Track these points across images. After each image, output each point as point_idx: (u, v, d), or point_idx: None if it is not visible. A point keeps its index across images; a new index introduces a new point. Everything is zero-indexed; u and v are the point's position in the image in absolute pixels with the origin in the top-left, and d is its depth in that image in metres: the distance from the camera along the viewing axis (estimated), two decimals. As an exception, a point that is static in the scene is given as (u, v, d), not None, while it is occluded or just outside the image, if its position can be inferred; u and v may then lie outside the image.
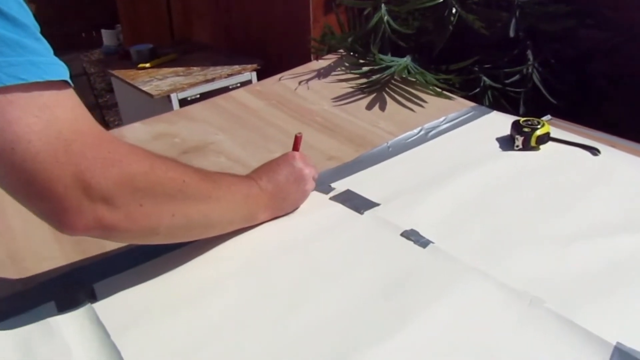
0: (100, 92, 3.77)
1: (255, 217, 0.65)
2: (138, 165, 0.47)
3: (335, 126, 0.98)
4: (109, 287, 0.57)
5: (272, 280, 0.58)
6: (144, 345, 0.49)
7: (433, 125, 0.95)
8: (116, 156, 0.45)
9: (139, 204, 0.47)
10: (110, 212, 0.45)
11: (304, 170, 0.69)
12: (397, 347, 0.48)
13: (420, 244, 0.62)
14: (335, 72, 1.22)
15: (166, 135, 0.97)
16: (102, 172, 0.44)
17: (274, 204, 0.66)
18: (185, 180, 0.52)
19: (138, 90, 1.68)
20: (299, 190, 0.69)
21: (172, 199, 0.50)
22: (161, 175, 0.49)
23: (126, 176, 0.45)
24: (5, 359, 0.49)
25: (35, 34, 0.42)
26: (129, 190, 0.46)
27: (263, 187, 0.64)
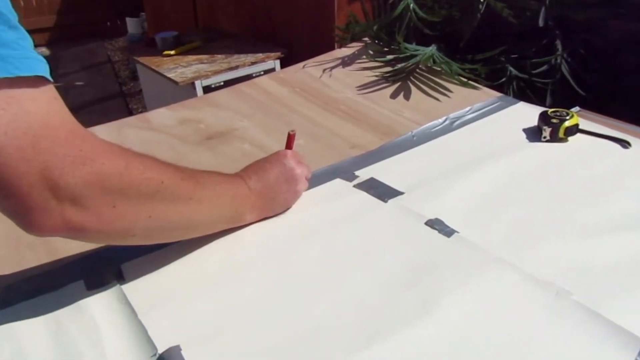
0: (124, 80, 3.82)
1: (242, 217, 0.62)
2: (112, 165, 0.44)
3: (359, 114, 0.97)
4: (136, 268, 0.58)
5: (296, 265, 0.58)
6: (170, 325, 0.50)
7: (458, 115, 0.93)
8: (88, 154, 0.43)
9: (112, 205, 0.45)
10: (79, 213, 0.43)
11: (295, 170, 0.66)
12: (421, 334, 0.48)
13: (445, 233, 0.62)
14: (359, 61, 1.21)
15: (191, 121, 0.98)
16: (72, 170, 0.41)
17: (263, 204, 0.64)
18: (163, 181, 0.49)
19: (163, 77, 1.70)
20: (289, 191, 0.66)
21: (148, 200, 0.48)
22: (137, 176, 0.47)
23: (98, 176, 0.43)
24: (36, 335, 0.50)
25: (9, 22, 0.39)
26: (100, 190, 0.44)
27: (252, 187, 0.62)
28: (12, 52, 0.39)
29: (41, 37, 4.66)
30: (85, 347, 0.48)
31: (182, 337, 0.48)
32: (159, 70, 1.73)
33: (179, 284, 0.56)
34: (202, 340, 0.48)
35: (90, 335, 0.49)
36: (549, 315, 0.49)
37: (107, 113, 3.23)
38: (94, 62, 4.29)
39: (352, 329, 0.49)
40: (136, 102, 3.41)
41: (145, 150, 0.86)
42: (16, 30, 0.40)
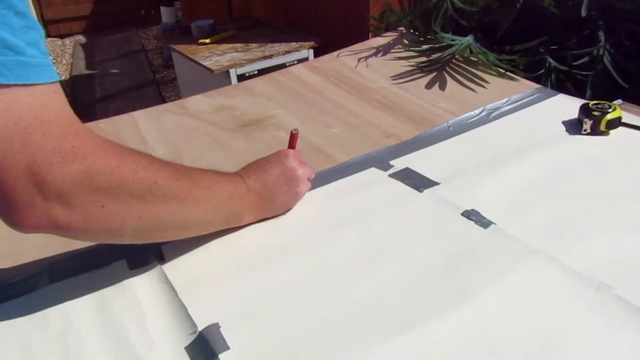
0: (157, 68, 3.88)
1: (240, 218, 0.61)
2: (103, 163, 0.43)
3: (394, 104, 0.97)
4: (176, 249, 0.60)
5: (333, 250, 0.59)
6: (209, 304, 0.51)
7: (495, 106, 0.92)
8: (80, 151, 0.42)
9: (100, 204, 0.44)
10: (66, 211, 0.42)
11: (296, 171, 0.64)
12: (457, 324, 0.48)
13: (482, 224, 0.61)
14: (394, 50, 1.21)
15: (227, 108, 0.99)
16: (60, 167, 0.40)
17: (261, 205, 0.62)
18: (157, 181, 0.48)
19: (198, 65, 1.72)
20: (290, 192, 0.64)
21: (139, 200, 0.47)
22: (128, 175, 0.45)
23: (87, 174, 0.42)
24: (84, 311, 0.52)
25: (15, 7, 0.39)
26: (89, 189, 0.42)
27: (251, 187, 0.60)
28: (10, 59, 0.38)
29: (78, 25, 4.77)
30: (130, 324, 0.50)
31: (221, 317, 0.50)
32: (194, 58, 1.75)
33: (217, 265, 0.57)
34: (240, 320, 0.49)
35: (133, 313, 0.51)
36: (588, 310, 0.49)
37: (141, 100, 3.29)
38: (129, 50, 4.37)
39: (389, 315, 0.49)
40: (169, 90, 3.46)
41: (183, 136, 0.89)
42: (22, 17, 0.39)
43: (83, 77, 3.82)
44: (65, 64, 4.07)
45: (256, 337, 0.47)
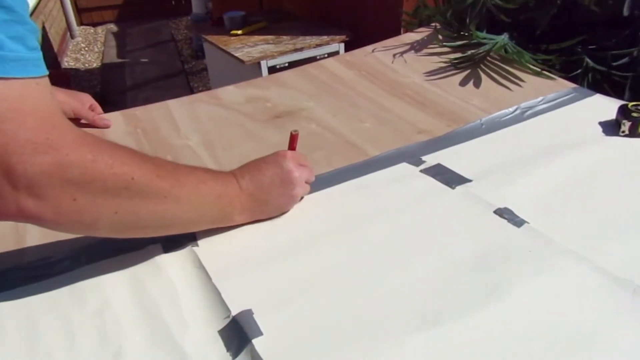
0: (186, 59, 3.93)
1: (230, 218, 0.60)
2: (77, 156, 0.43)
3: (426, 100, 0.96)
4: (209, 234, 0.61)
5: (364, 242, 0.59)
6: (242, 290, 0.52)
7: (530, 104, 0.91)
8: (54, 143, 0.41)
9: (72, 197, 0.43)
10: (35, 202, 0.42)
11: (293, 173, 0.62)
12: (489, 320, 0.48)
13: (515, 222, 0.61)
14: (427, 46, 1.20)
15: (258, 99, 1.00)
16: (31, 158, 0.40)
17: (254, 206, 0.61)
18: (134, 177, 0.47)
19: (230, 55, 1.74)
20: (284, 194, 0.63)
21: (114, 196, 0.46)
22: (104, 170, 0.45)
23: (58, 166, 0.42)
24: (120, 290, 0.53)
25: (1, 2, 0.39)
26: (60, 181, 0.42)
27: (243, 187, 0.59)
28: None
29: (110, 14, 4.85)
30: (165, 306, 0.51)
31: (253, 303, 0.50)
32: (226, 49, 1.76)
33: (250, 252, 0.58)
34: (272, 307, 0.50)
35: (168, 295, 0.52)
36: (624, 313, 0.48)
37: (169, 90, 3.34)
38: (159, 40, 4.43)
39: (419, 309, 0.50)
40: (197, 81, 3.50)
41: (216, 126, 0.90)
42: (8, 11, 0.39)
43: (114, 65, 3.89)
44: (97, 52, 4.15)
45: (287, 325, 0.48)
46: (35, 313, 0.51)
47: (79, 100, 0.89)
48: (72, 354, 0.46)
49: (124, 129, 0.90)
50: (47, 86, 0.43)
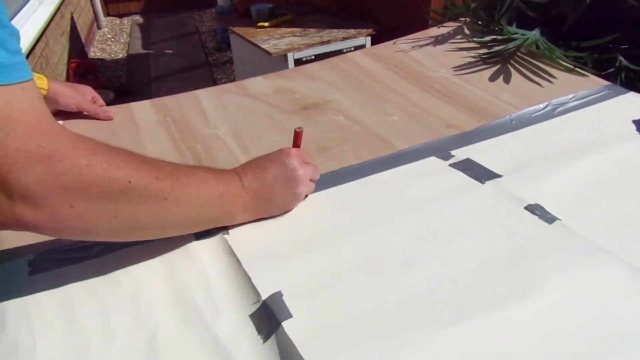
0: (210, 51, 3.95)
1: (232, 217, 0.59)
2: (71, 162, 0.42)
3: (455, 94, 0.95)
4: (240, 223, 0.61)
5: (392, 235, 0.59)
6: (272, 276, 0.53)
7: (561, 101, 0.90)
8: (46, 151, 0.40)
9: (69, 204, 0.42)
10: (32, 211, 0.41)
11: (297, 171, 0.61)
12: (518, 316, 0.48)
13: (546, 219, 0.60)
14: (455, 40, 1.19)
15: (286, 91, 1.00)
16: (24, 167, 0.39)
17: (257, 205, 0.60)
18: (131, 180, 0.46)
19: (256, 47, 1.74)
20: (288, 193, 0.61)
21: (112, 200, 0.45)
22: (99, 175, 0.44)
23: (52, 174, 0.41)
24: (153, 275, 0.54)
25: None
26: (56, 189, 0.41)
27: (246, 185, 0.58)
28: None
29: (136, 5, 4.90)
30: (197, 290, 0.52)
31: (283, 289, 0.51)
32: (253, 40, 1.77)
33: (279, 241, 0.59)
34: (302, 294, 0.51)
35: (200, 280, 0.53)
36: (658, 312, 0.47)
37: (193, 81, 3.37)
38: (183, 32, 4.46)
39: (448, 303, 0.50)
40: (220, 73, 3.52)
41: (244, 116, 0.91)
42: None
43: (139, 56, 3.93)
44: (123, 43, 4.20)
45: (316, 312, 0.49)
46: (71, 295, 0.52)
47: (81, 94, 0.89)
48: (108, 335, 0.48)
49: (154, 117, 0.91)
50: (33, 90, 0.42)
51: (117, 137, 0.85)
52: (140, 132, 0.86)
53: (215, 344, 0.46)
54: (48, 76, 0.85)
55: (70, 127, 0.83)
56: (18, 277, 0.54)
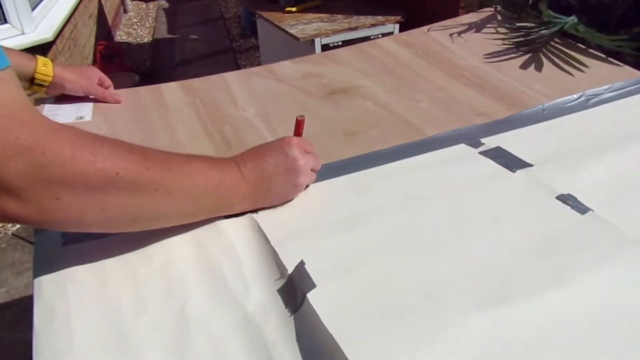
0: (234, 37, 3.96)
1: (230, 207, 0.58)
2: (54, 154, 0.41)
3: (485, 83, 0.94)
4: (268, 204, 0.62)
5: (422, 219, 0.59)
6: (299, 255, 0.53)
7: (595, 92, 0.88)
8: (27, 143, 0.39)
9: (55, 197, 0.42)
10: (17, 204, 0.41)
11: (298, 161, 0.59)
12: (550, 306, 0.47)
13: (579, 209, 0.59)
14: (487, 28, 1.17)
15: (314, 76, 1.00)
16: (4, 160, 0.38)
17: (256, 194, 0.58)
18: (119, 172, 0.45)
19: (284, 32, 1.74)
20: (288, 183, 0.60)
21: (100, 192, 0.44)
22: (84, 167, 0.43)
23: (35, 166, 0.40)
24: (183, 249, 0.55)
25: None
26: (39, 182, 0.40)
27: (245, 175, 0.56)
28: None
29: (162, -9, 4.93)
30: (226, 266, 0.53)
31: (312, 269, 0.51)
32: (280, 25, 1.77)
33: (307, 222, 0.59)
34: (332, 274, 0.51)
35: (229, 257, 0.54)
36: (694, 306, 0.46)
37: (217, 67, 3.38)
38: (208, 17, 4.48)
39: (478, 289, 0.49)
40: (244, 59, 3.53)
41: (272, 99, 0.91)
42: None
43: (165, 41, 3.96)
44: (149, 27, 4.23)
45: (345, 291, 0.48)
46: (104, 265, 0.53)
47: (86, 77, 0.87)
48: (140, 306, 0.48)
49: (183, 99, 0.92)
50: (11, 79, 0.40)
51: (147, 118, 0.86)
52: (169, 113, 0.87)
53: (244, 318, 0.47)
54: (60, 57, 0.86)
55: (99, 111, 0.86)
56: (52, 248, 0.55)
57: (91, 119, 0.84)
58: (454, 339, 0.44)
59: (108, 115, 0.86)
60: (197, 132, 0.81)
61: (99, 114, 0.86)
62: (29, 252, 1.78)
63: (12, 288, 1.65)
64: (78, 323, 0.47)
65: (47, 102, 0.88)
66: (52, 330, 0.46)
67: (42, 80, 0.82)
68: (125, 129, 0.82)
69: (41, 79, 0.81)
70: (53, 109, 0.86)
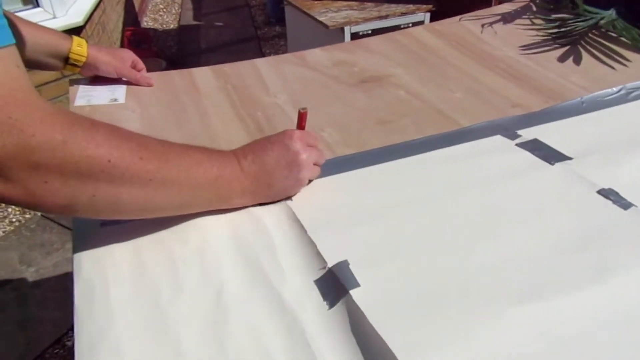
0: (259, 25, 3.95)
1: (228, 201, 0.56)
2: (44, 137, 0.40)
3: (521, 74, 0.92)
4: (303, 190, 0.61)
5: (457, 210, 0.58)
6: (335, 245, 0.53)
7: (636, 85, 0.85)
8: (18, 123, 0.39)
9: (43, 180, 0.41)
10: (4, 184, 0.40)
11: (300, 155, 0.58)
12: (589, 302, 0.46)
13: (621, 204, 0.58)
14: (522, 19, 1.14)
15: (345, 63, 0.99)
16: None
17: (256, 189, 0.57)
18: (111, 160, 0.44)
19: (313, 20, 1.72)
20: (290, 177, 0.58)
21: (89, 179, 0.43)
22: (76, 153, 0.42)
23: (23, 148, 0.39)
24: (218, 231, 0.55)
25: None
26: (27, 164, 0.40)
27: (245, 168, 0.55)
28: None
29: (188, -23, 4.93)
30: (262, 252, 0.53)
31: (348, 257, 0.51)
32: (309, 12, 1.75)
33: (343, 210, 0.59)
34: (367, 264, 0.50)
35: (265, 243, 0.54)
36: None
37: (242, 54, 3.38)
38: (233, 4, 4.47)
39: (517, 282, 0.48)
40: (269, 47, 3.52)
41: (302, 87, 0.90)
42: None
43: (190, 27, 3.98)
44: (174, 14, 4.25)
45: (382, 283, 0.48)
46: (141, 246, 0.54)
47: (119, 59, 0.87)
48: (176, 287, 0.49)
49: (215, 83, 0.92)
50: (11, 57, 0.40)
51: (179, 102, 0.86)
52: (201, 97, 0.87)
53: (281, 304, 0.47)
54: (89, 42, 0.86)
55: (132, 93, 0.86)
56: (90, 229, 0.56)
57: (125, 101, 0.85)
58: (493, 332, 0.43)
59: (141, 98, 0.86)
60: (230, 117, 0.81)
61: (132, 97, 0.86)
62: (57, 234, 1.82)
63: (42, 267, 1.68)
64: (117, 302, 0.47)
65: (82, 83, 0.88)
66: (93, 308, 0.46)
67: (76, 60, 0.82)
68: (158, 112, 0.82)
69: (75, 59, 0.82)
70: (87, 90, 0.86)
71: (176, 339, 0.44)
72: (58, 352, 1.44)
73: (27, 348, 1.44)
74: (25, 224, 1.87)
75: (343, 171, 0.66)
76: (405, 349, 0.40)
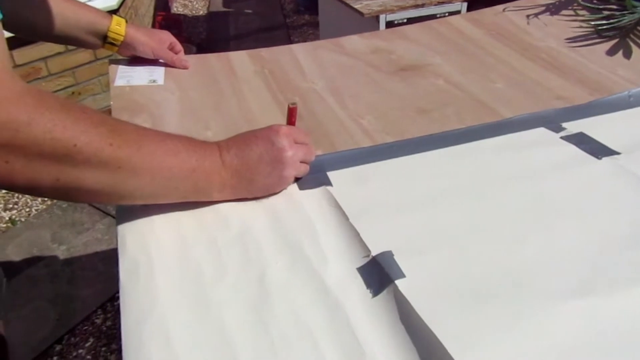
0: (288, 13, 3.94)
1: (207, 193, 0.54)
2: (8, 117, 0.39)
3: (564, 66, 0.89)
4: (342, 177, 0.61)
5: (502, 205, 0.57)
6: (378, 233, 0.52)
7: (687, 80, 0.82)
8: None
9: (4, 159, 0.41)
10: None
11: (285, 152, 0.56)
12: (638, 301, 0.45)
13: (672, 202, 0.56)
14: (566, 10, 1.11)
15: (383, 51, 0.98)
16: None
17: (237, 184, 0.55)
18: (77, 144, 0.43)
19: (348, 7, 1.71)
20: (272, 174, 0.56)
21: (53, 162, 0.43)
22: (38, 135, 0.41)
23: None
24: (259, 219, 0.55)
25: None
26: None
27: (227, 161, 0.53)
28: None
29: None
30: (303, 237, 0.52)
31: (392, 247, 0.50)
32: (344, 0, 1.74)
33: (386, 198, 0.58)
34: (411, 254, 0.49)
35: (306, 229, 0.54)
36: None
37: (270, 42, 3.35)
38: None
39: (567, 277, 0.47)
40: (298, 35, 3.51)
41: (340, 73, 0.90)
42: None
43: (219, 14, 3.99)
44: (204, 0, 4.26)
45: (427, 273, 0.47)
46: (182, 225, 0.54)
47: (157, 41, 0.88)
48: (219, 268, 0.49)
49: (252, 68, 0.92)
50: None
51: (217, 85, 0.86)
52: (239, 81, 0.87)
53: (323, 290, 0.46)
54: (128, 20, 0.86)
55: (170, 75, 0.86)
56: (133, 207, 0.56)
57: (163, 82, 0.85)
58: (544, 326, 0.42)
59: (179, 80, 0.86)
60: (268, 101, 0.81)
61: (170, 79, 0.87)
62: (87, 214, 1.85)
63: (72, 246, 1.72)
64: (161, 281, 0.47)
65: (121, 64, 0.89)
66: (138, 286, 0.47)
67: (114, 39, 0.83)
68: (197, 94, 0.82)
69: (113, 38, 0.83)
70: (127, 71, 0.87)
71: (219, 319, 0.44)
72: (87, 328, 1.47)
73: (58, 323, 1.47)
74: (57, 202, 1.91)
75: (382, 159, 0.65)
76: (455, 341, 0.40)
